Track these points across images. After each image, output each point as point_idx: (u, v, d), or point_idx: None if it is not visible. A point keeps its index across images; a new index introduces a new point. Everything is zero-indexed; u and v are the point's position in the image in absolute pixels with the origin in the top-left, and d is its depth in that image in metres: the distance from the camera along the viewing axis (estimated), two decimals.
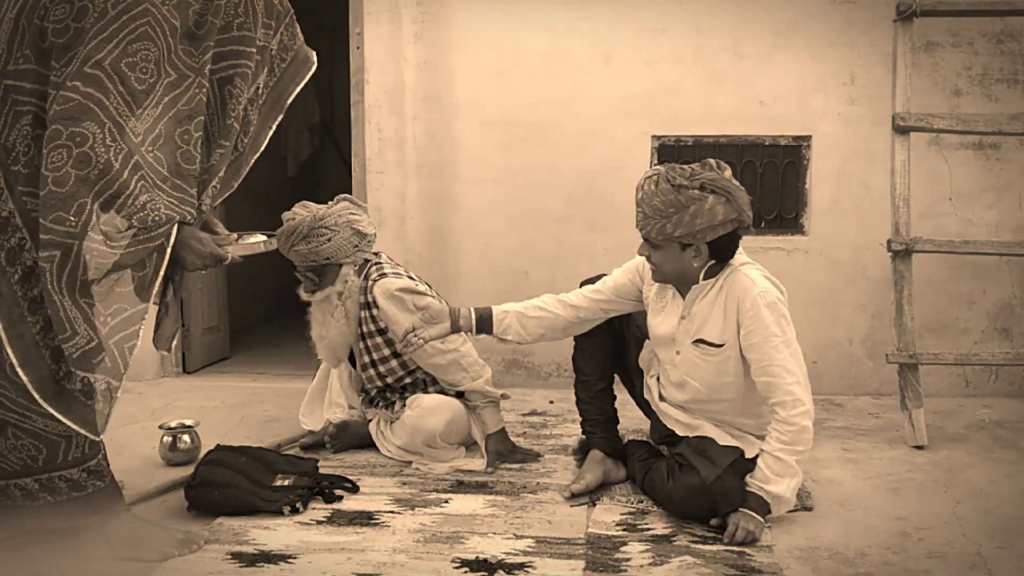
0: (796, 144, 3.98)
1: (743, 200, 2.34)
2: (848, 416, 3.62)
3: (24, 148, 2.02)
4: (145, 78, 2.02)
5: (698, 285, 2.44)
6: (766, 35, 3.92)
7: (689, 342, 2.46)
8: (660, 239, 2.37)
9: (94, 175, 1.94)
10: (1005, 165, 3.89)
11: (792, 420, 2.30)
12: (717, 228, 2.32)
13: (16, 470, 2.13)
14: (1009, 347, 3.91)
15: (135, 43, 2.01)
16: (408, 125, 4.05)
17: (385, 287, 2.87)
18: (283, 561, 2.14)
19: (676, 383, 2.55)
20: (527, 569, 2.10)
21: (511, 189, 4.05)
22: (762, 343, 2.33)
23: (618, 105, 3.98)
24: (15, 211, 2.02)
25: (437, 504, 2.54)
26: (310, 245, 2.86)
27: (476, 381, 2.88)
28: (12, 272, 2.02)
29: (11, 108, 2.03)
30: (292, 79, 2.36)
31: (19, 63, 2.03)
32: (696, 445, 2.44)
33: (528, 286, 4.06)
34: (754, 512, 2.30)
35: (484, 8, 4.00)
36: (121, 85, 1.99)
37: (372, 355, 2.98)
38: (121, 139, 1.98)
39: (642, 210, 2.38)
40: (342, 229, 2.88)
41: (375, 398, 3.06)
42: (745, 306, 2.35)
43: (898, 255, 3.27)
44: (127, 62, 2.00)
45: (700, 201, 2.29)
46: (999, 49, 3.84)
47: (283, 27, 2.28)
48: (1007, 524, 2.41)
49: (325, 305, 2.95)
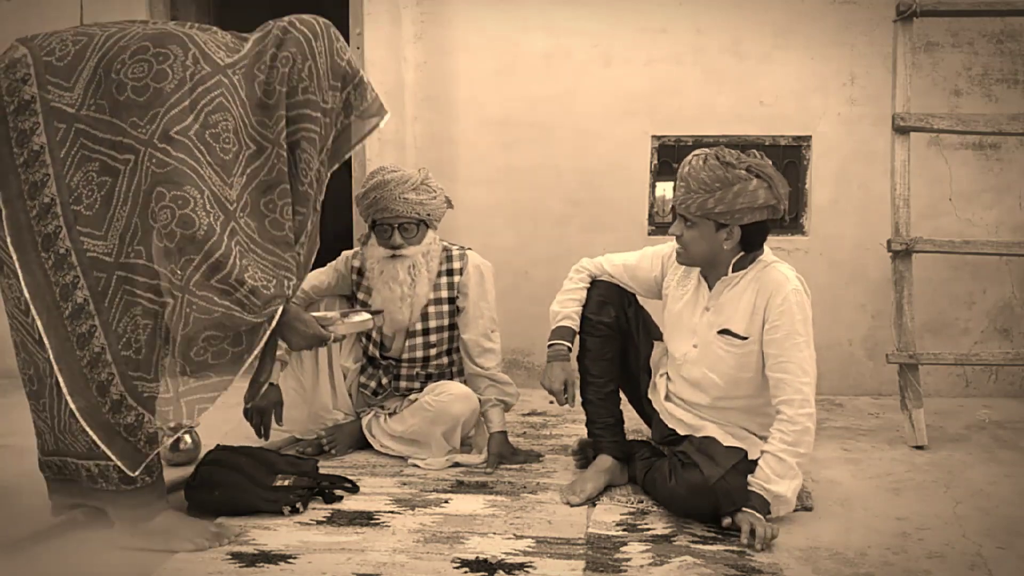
0: (796, 144, 3.98)
1: (783, 189, 2.40)
2: (848, 416, 3.62)
3: (88, 192, 2.10)
4: (229, 148, 2.14)
5: (727, 276, 2.47)
6: (766, 35, 3.92)
7: (712, 333, 2.49)
8: (699, 215, 2.39)
9: (200, 236, 2.04)
10: (1005, 165, 3.89)
11: (797, 419, 2.32)
12: (755, 212, 2.37)
13: (84, 452, 2.20)
14: (1009, 347, 3.91)
15: (213, 114, 2.11)
16: (408, 125, 4.05)
17: (484, 262, 3.03)
18: (283, 561, 2.14)
19: (690, 380, 2.56)
20: (527, 569, 2.10)
21: (511, 189, 4.05)
22: (784, 339, 2.36)
23: (618, 105, 3.98)
24: (71, 250, 2.09)
25: (437, 504, 2.54)
26: (421, 197, 2.88)
27: (503, 375, 2.99)
28: (64, 307, 2.10)
29: (79, 151, 2.10)
30: (357, 134, 2.43)
31: (92, 110, 2.10)
32: (699, 444, 2.44)
33: (528, 286, 4.07)
34: (755, 512, 2.30)
35: (484, 8, 4.00)
36: (209, 156, 2.09)
37: (430, 322, 3.00)
38: (218, 206, 2.08)
39: (686, 184, 2.41)
40: (440, 193, 2.94)
41: (378, 390, 3.06)
42: (776, 301, 2.38)
43: (898, 255, 3.27)
44: (210, 133, 2.10)
45: (745, 181, 2.35)
46: (999, 49, 3.84)
47: (351, 88, 2.35)
48: (1007, 524, 2.41)
49: (409, 264, 2.93)
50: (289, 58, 2.20)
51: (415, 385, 3.05)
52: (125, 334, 2.11)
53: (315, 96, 2.23)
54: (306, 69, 2.21)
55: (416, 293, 2.94)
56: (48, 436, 2.26)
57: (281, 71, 2.19)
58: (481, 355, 2.97)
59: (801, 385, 2.34)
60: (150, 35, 2.14)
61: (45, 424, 2.26)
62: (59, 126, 2.10)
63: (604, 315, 2.69)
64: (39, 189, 2.09)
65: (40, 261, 2.09)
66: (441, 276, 3.00)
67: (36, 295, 2.09)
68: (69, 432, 2.20)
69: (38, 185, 2.09)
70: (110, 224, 2.10)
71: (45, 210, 2.09)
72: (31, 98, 2.10)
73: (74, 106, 2.11)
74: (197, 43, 2.16)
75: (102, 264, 2.10)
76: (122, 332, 2.11)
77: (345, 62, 2.31)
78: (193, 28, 2.23)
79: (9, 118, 2.09)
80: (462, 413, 2.88)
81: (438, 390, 2.93)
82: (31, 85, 2.10)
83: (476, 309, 2.97)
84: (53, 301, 2.10)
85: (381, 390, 3.08)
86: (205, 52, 2.16)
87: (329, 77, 2.27)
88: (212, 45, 2.19)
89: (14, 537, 2.27)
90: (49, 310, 2.10)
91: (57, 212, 2.09)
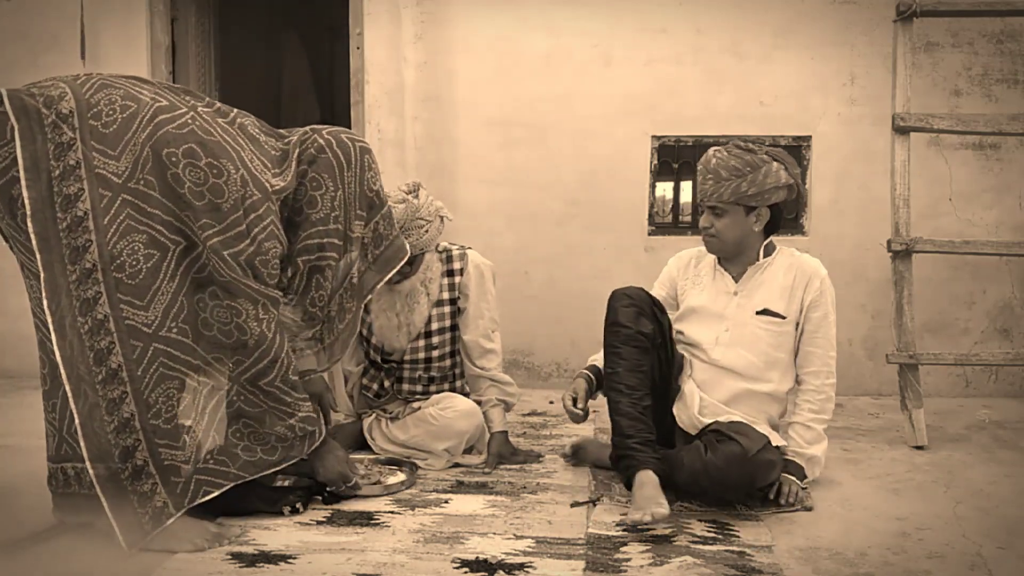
0: (796, 144, 3.98)
1: (796, 171, 2.61)
2: (848, 416, 3.62)
3: (132, 261, 2.12)
4: (274, 274, 2.29)
5: (759, 262, 2.64)
6: (766, 35, 3.92)
7: (749, 314, 2.61)
8: (732, 200, 2.53)
9: (251, 343, 2.22)
10: (1005, 165, 3.89)
11: (823, 389, 2.61)
12: (780, 191, 2.56)
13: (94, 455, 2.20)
14: (1009, 347, 3.91)
15: (266, 242, 2.25)
16: (408, 125, 4.06)
17: (484, 261, 2.99)
18: (283, 561, 2.14)
19: (723, 364, 2.59)
20: (527, 569, 2.10)
21: (511, 189, 4.05)
22: (822, 319, 2.61)
23: (618, 105, 3.98)
24: (110, 316, 2.10)
25: (437, 504, 2.54)
26: (411, 239, 2.77)
27: (504, 375, 2.98)
28: (98, 372, 2.10)
29: (125, 220, 2.13)
30: (381, 269, 2.56)
31: (141, 185, 2.14)
32: (730, 425, 2.45)
33: (528, 286, 4.07)
34: (793, 477, 2.50)
35: (484, 8, 4.00)
36: (255, 280, 2.24)
37: (432, 324, 2.97)
38: (269, 315, 2.26)
39: (715, 175, 2.55)
40: (434, 219, 2.82)
41: (380, 392, 3.06)
42: (815, 284, 2.61)
43: (898, 255, 3.27)
44: (260, 260, 2.24)
45: (768, 163, 2.55)
46: (999, 49, 3.84)
47: (379, 218, 2.49)
48: (1007, 524, 2.40)
49: (407, 293, 2.90)
50: (320, 182, 2.34)
51: (417, 388, 3.04)
52: (156, 404, 2.13)
53: (340, 226, 2.38)
54: (337, 198, 2.36)
55: (413, 321, 2.93)
56: (54, 439, 2.25)
57: (310, 194, 2.34)
58: (482, 356, 2.96)
59: (830, 359, 2.61)
60: (201, 139, 2.19)
61: (52, 426, 2.25)
62: (104, 193, 2.11)
63: (641, 325, 2.52)
64: (80, 254, 2.09)
65: (77, 326, 2.09)
66: (442, 277, 2.98)
67: (68, 363, 2.09)
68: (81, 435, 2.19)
69: (80, 250, 2.09)
70: (154, 296, 2.13)
71: (86, 275, 2.09)
72: (76, 163, 2.10)
73: (121, 176, 2.13)
74: (246, 164, 2.25)
75: (140, 334, 2.12)
76: (153, 402, 2.13)
77: (374, 193, 2.43)
78: (239, 130, 2.32)
79: (54, 182, 2.09)
80: (466, 430, 2.86)
81: (443, 404, 2.90)
82: (76, 151, 2.10)
83: (476, 309, 2.96)
84: (87, 368, 2.10)
85: (383, 392, 3.07)
86: (254, 175, 2.25)
87: (356, 207, 2.39)
88: (259, 164, 2.29)
89: (14, 537, 2.27)
90: (81, 378, 2.10)
91: (98, 278, 2.09)
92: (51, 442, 2.26)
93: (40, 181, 2.08)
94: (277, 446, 2.30)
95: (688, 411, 2.58)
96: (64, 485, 2.25)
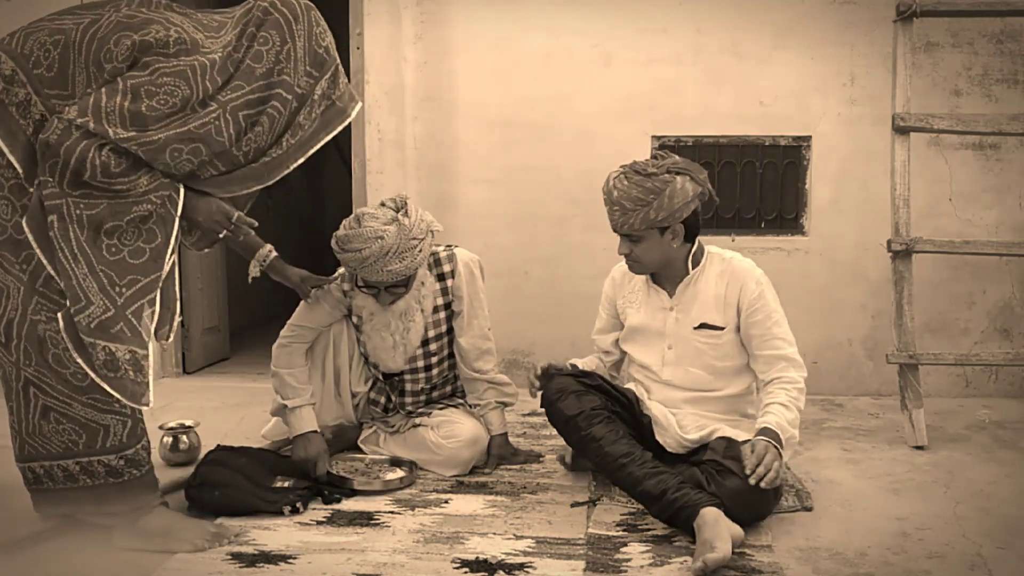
0: (796, 144, 3.98)
1: (703, 176, 2.52)
2: (848, 416, 3.62)
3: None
4: (160, 107, 2.09)
5: (690, 275, 2.58)
6: (766, 35, 3.92)
7: (688, 330, 2.57)
8: (643, 228, 2.47)
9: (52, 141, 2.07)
10: (1005, 165, 3.89)
11: (797, 380, 2.49)
12: (690, 204, 2.48)
13: (59, 452, 2.20)
14: (1009, 347, 3.91)
15: (167, 76, 2.09)
16: (408, 125, 4.06)
17: (472, 257, 2.94)
18: (283, 561, 2.14)
19: (672, 382, 2.58)
20: (527, 569, 2.10)
21: (511, 189, 4.05)
22: (765, 319, 2.52)
23: (618, 105, 3.98)
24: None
25: (437, 504, 2.54)
26: (404, 262, 2.65)
27: (501, 375, 2.97)
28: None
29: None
30: (324, 127, 2.39)
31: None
32: (722, 450, 2.39)
33: (528, 286, 4.07)
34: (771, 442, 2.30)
35: (484, 8, 4.00)
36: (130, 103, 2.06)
37: (428, 332, 2.91)
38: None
39: (619, 207, 2.48)
40: (426, 235, 2.70)
41: (387, 405, 3.03)
42: (749, 287, 2.53)
43: (898, 255, 3.27)
44: (147, 89, 2.07)
45: (672, 183, 2.45)
46: (999, 49, 3.84)
47: (327, 76, 2.33)
48: (1007, 524, 2.41)
49: (402, 312, 2.82)
50: (268, 38, 2.19)
51: (420, 399, 3.00)
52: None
53: (289, 79, 2.22)
54: (284, 52, 2.20)
55: (409, 340, 2.86)
56: (16, 440, 2.24)
57: (257, 49, 2.18)
58: (479, 358, 2.92)
59: (793, 354, 2.51)
60: (127, 24, 2.12)
61: (13, 429, 2.24)
62: None
63: (587, 403, 2.50)
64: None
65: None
66: (434, 283, 2.91)
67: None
68: (40, 435, 2.19)
69: None
70: None
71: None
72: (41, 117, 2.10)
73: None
74: (175, 24, 2.16)
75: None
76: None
77: (323, 48, 2.28)
78: (166, 8, 2.24)
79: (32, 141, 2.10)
80: (472, 458, 2.81)
81: (445, 430, 2.82)
82: (35, 104, 2.10)
83: (472, 309, 2.92)
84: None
85: (390, 405, 3.03)
86: (189, 33, 2.16)
87: (306, 62, 2.25)
88: (189, 26, 2.19)
89: (14, 537, 2.27)
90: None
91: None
92: (15, 443, 2.26)
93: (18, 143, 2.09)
94: (156, 230, 2.14)
95: (669, 433, 2.55)
96: (36, 483, 2.25)
